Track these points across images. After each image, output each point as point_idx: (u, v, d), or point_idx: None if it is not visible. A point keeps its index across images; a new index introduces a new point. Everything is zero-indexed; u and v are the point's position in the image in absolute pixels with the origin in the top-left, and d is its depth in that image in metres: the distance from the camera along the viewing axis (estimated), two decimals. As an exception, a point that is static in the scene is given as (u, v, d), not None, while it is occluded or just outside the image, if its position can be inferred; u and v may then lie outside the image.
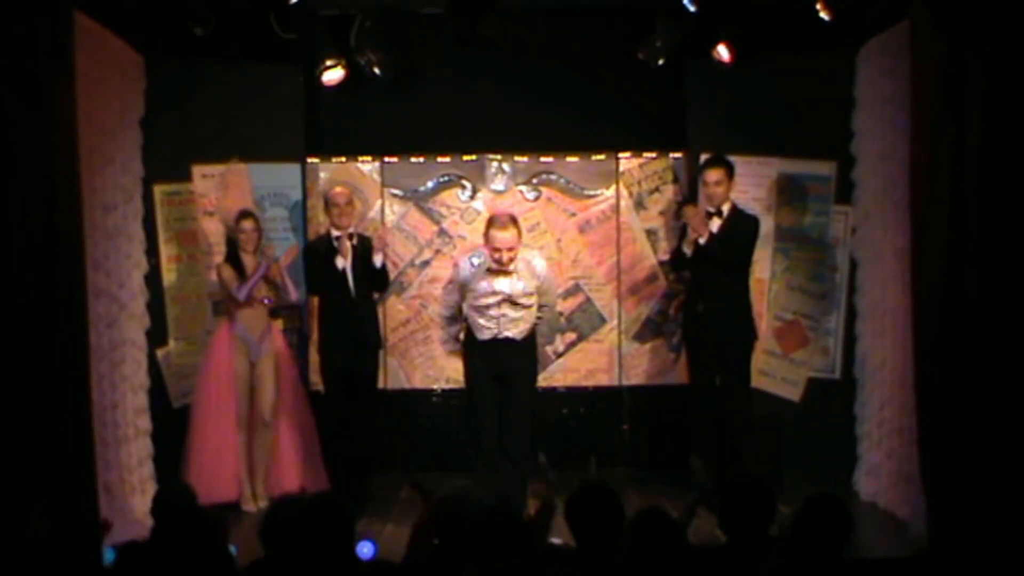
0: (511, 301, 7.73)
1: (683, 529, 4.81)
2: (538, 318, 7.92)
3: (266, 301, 8.37)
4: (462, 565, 4.66)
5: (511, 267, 7.69)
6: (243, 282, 8.20)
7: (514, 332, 7.78)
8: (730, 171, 8.31)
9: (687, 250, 8.27)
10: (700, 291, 8.37)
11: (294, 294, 8.49)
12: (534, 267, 7.84)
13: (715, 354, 8.25)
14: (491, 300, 7.74)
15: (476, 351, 7.89)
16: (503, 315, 7.75)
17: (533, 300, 7.81)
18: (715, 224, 8.22)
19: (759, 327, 8.61)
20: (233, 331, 8.29)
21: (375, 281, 8.47)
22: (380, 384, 8.88)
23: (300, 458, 8.39)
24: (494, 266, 7.70)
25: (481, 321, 7.79)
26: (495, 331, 7.77)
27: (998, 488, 6.22)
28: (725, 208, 8.28)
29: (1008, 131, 6.33)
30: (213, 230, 8.87)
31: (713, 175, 8.28)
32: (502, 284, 7.72)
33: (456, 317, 8.00)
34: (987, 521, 6.23)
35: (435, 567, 4.81)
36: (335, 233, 8.32)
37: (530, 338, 7.92)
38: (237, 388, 8.27)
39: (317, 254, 8.34)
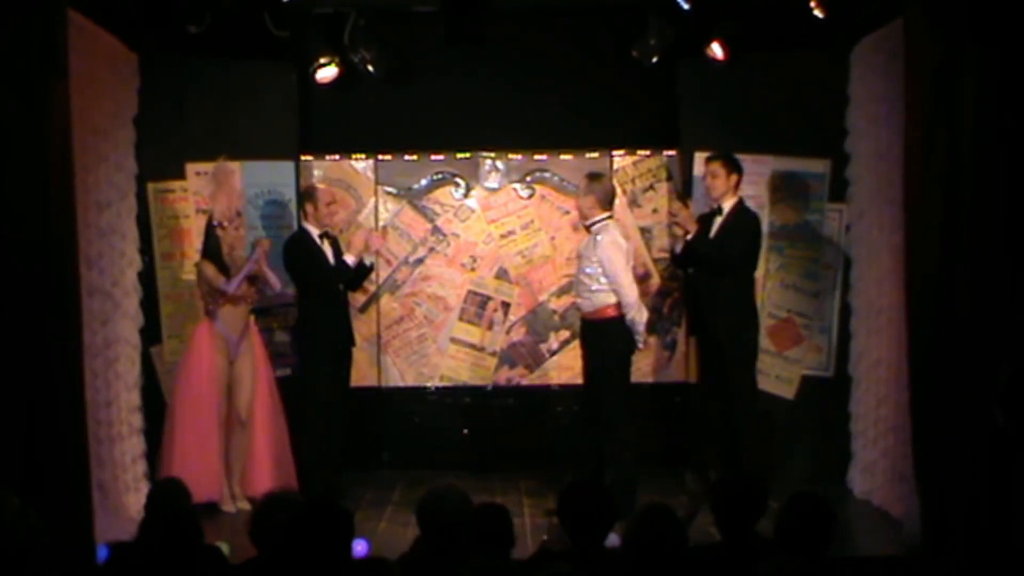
0: (581, 268, 7.96)
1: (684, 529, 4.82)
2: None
3: (264, 291, 8.34)
4: (451, 563, 4.66)
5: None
6: (230, 277, 8.12)
7: (581, 301, 8.02)
8: (728, 166, 8.22)
9: (677, 250, 8.29)
10: (699, 290, 8.38)
11: (277, 284, 8.38)
12: (595, 241, 7.92)
13: (715, 354, 8.25)
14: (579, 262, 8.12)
15: None
16: (578, 278, 8.03)
17: (598, 275, 7.80)
18: (716, 224, 8.21)
19: (755, 326, 8.63)
20: (214, 328, 8.14)
21: (358, 279, 8.65)
22: (375, 382, 8.94)
23: (274, 458, 8.30)
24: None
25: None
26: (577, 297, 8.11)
27: (991, 487, 6.23)
28: (726, 206, 8.24)
29: (1001, 129, 6.35)
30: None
31: (707, 167, 8.31)
32: (582, 244, 8.11)
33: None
34: (980, 520, 6.24)
35: (426, 565, 4.81)
36: (314, 231, 8.34)
37: (599, 320, 7.87)
38: (217, 386, 8.14)
39: (310, 253, 8.33)
